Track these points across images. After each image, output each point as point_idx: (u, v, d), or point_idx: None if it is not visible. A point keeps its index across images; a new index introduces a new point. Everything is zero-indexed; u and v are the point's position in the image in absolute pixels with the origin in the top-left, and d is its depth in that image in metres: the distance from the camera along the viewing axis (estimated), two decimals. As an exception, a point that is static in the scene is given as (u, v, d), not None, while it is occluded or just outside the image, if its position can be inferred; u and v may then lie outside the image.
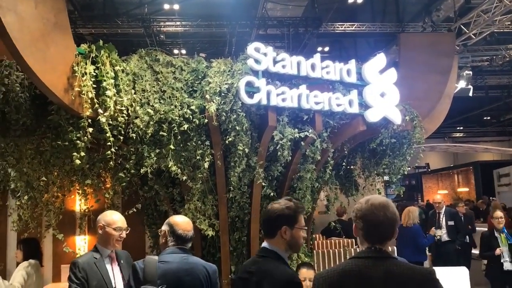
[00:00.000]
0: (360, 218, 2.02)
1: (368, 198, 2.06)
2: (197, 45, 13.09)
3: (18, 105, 3.74)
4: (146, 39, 11.50)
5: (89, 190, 5.61)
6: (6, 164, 4.04)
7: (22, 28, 3.23)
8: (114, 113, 3.80)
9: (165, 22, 11.19)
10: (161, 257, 2.78)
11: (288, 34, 11.84)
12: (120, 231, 3.25)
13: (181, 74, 4.32)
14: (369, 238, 2.00)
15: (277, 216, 2.39)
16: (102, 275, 3.13)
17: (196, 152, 4.27)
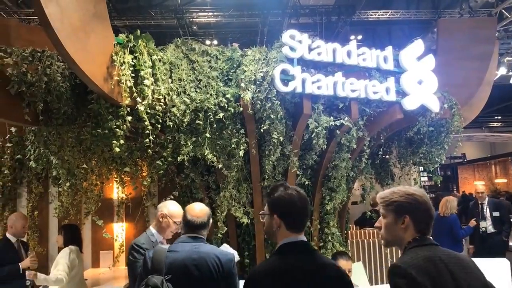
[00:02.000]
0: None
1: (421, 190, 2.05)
2: (229, 35, 13.11)
3: (60, 95, 3.83)
4: (179, 30, 11.60)
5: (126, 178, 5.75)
6: (49, 152, 4.16)
7: (63, 18, 3.29)
8: (152, 102, 3.86)
9: (198, 13, 11.25)
10: (172, 246, 2.69)
11: (321, 23, 11.72)
12: (178, 225, 3.30)
13: (216, 63, 4.34)
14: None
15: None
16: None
17: (231, 141, 4.30)
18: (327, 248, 4.90)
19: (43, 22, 3.19)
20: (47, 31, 3.22)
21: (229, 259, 2.71)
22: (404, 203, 1.97)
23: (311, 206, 4.90)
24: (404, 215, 1.95)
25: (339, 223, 5.26)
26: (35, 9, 3.21)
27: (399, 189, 2.02)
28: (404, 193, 1.99)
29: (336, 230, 4.95)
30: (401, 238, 1.97)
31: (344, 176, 4.83)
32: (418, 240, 1.93)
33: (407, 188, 2.01)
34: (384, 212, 2.02)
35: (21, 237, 4.84)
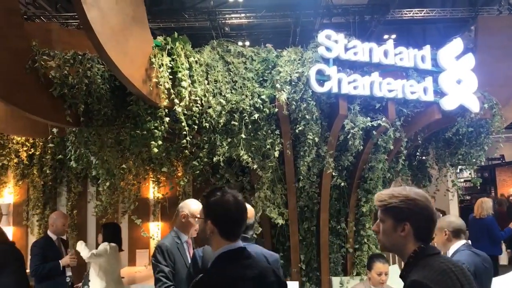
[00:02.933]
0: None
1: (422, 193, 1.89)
2: (261, 36, 13.13)
3: (100, 96, 3.93)
4: (211, 31, 11.71)
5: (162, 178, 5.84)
6: (89, 152, 4.27)
7: (104, 22, 3.38)
8: (189, 103, 3.91)
9: (230, 15, 11.32)
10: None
11: (354, 22, 11.60)
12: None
13: (251, 64, 4.36)
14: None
15: None
16: (184, 258, 3.25)
17: (266, 141, 4.31)
18: (362, 250, 4.84)
19: (85, 26, 3.27)
20: (88, 35, 3.31)
21: (275, 259, 2.78)
22: (405, 209, 1.81)
23: (347, 208, 4.86)
24: (404, 222, 1.81)
25: (375, 225, 5.18)
26: (77, 13, 3.30)
27: (399, 192, 1.86)
28: (405, 197, 1.82)
29: (372, 232, 4.89)
30: (401, 246, 1.84)
31: (381, 177, 4.76)
32: (424, 249, 1.80)
33: (408, 191, 1.85)
34: (382, 216, 1.88)
35: (61, 235, 4.99)
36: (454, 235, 3.45)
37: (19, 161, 6.47)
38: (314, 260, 4.82)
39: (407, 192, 1.84)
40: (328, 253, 4.83)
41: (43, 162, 6.49)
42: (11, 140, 6.45)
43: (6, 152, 6.45)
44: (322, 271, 4.78)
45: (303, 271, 4.78)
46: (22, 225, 6.69)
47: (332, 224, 4.87)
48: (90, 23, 3.24)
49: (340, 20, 11.85)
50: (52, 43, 4.60)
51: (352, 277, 4.80)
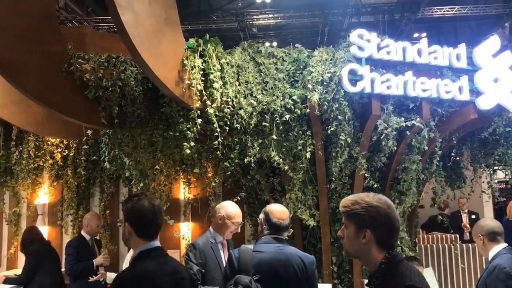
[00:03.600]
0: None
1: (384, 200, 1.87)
2: (289, 36, 13.11)
3: (133, 98, 3.99)
4: (239, 33, 11.77)
5: (192, 179, 5.88)
6: (122, 153, 4.34)
7: (137, 25, 3.41)
8: (221, 104, 3.92)
9: (258, 15, 11.34)
10: (256, 246, 2.72)
11: (383, 21, 11.45)
12: (237, 226, 3.35)
13: (282, 65, 4.34)
14: None
15: None
16: (217, 258, 3.26)
17: (297, 142, 4.28)
18: (395, 253, 4.75)
19: (119, 28, 3.31)
20: (122, 37, 3.35)
21: (311, 261, 2.78)
22: (365, 216, 1.80)
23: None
24: (365, 229, 1.80)
25: (408, 227, 5.09)
26: (111, 16, 3.34)
27: (362, 198, 1.84)
28: (367, 204, 1.81)
29: (405, 235, 4.79)
30: (364, 253, 1.83)
31: (414, 179, 4.67)
32: (395, 256, 1.80)
33: (371, 199, 1.83)
34: (346, 222, 1.88)
35: (95, 235, 5.08)
36: (490, 238, 3.34)
37: (54, 162, 6.62)
38: (346, 262, 4.76)
39: (370, 199, 1.83)
40: (360, 255, 4.76)
41: (76, 163, 6.61)
42: (46, 141, 6.61)
43: (41, 153, 6.61)
44: (354, 274, 4.72)
45: (335, 273, 4.72)
46: (57, 225, 6.84)
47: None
48: (124, 26, 3.26)
49: (369, 19, 11.72)
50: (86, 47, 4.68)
51: (384, 280, 4.71)
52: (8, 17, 3.45)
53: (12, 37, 3.48)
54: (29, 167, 6.57)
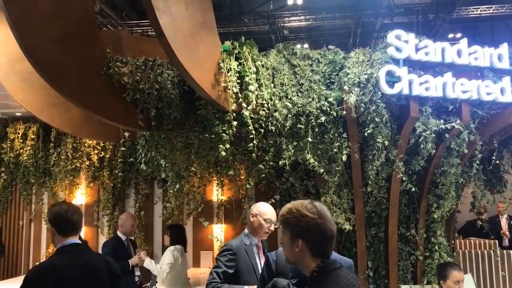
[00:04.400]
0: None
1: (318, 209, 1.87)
2: (320, 38, 13.00)
3: (170, 101, 4.03)
4: (270, 35, 11.74)
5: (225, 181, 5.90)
6: (159, 155, 4.39)
7: (175, 28, 3.44)
8: (256, 106, 3.91)
9: (289, 18, 11.29)
10: None
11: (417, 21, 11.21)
12: (269, 223, 3.32)
13: (318, 66, 4.30)
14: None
15: None
16: (251, 261, 3.24)
17: (333, 145, 4.23)
18: (433, 258, 4.64)
19: (157, 32, 3.35)
20: (160, 41, 3.38)
21: (350, 265, 2.73)
22: (295, 226, 1.83)
23: (417, 214, 4.68)
24: (297, 238, 1.83)
25: (446, 232, 4.95)
26: (150, 20, 3.38)
27: (296, 207, 1.85)
28: (298, 214, 1.83)
29: (443, 240, 4.67)
30: (299, 261, 1.87)
31: (453, 182, 4.54)
32: (327, 265, 1.83)
33: (303, 207, 1.84)
34: (283, 230, 1.90)
35: (130, 235, 5.16)
36: None
37: (91, 163, 6.79)
38: (382, 267, 4.67)
39: (302, 208, 1.84)
40: (397, 260, 4.67)
41: (112, 165, 6.76)
42: (83, 143, 6.78)
43: (78, 155, 6.80)
44: (391, 279, 4.63)
45: (371, 278, 4.65)
46: (93, 225, 7.00)
47: (401, 230, 4.70)
48: (162, 29, 3.30)
49: (402, 19, 11.49)
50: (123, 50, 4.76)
51: (422, 286, 4.60)
52: (49, 22, 3.54)
53: (53, 41, 3.56)
54: (67, 168, 6.76)
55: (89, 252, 2.73)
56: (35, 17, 3.47)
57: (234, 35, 12.62)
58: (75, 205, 2.81)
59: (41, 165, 6.95)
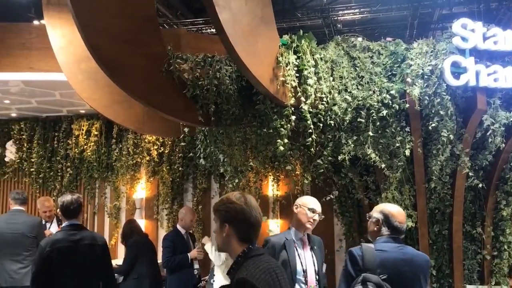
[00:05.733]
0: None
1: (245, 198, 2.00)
2: (375, 31, 12.69)
3: (228, 97, 4.05)
4: (323, 29, 11.60)
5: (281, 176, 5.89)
6: (217, 150, 4.44)
7: (234, 23, 3.46)
8: (315, 100, 3.87)
9: (343, 11, 11.10)
10: (377, 245, 2.66)
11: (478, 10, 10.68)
12: (313, 213, 3.27)
13: (379, 58, 4.19)
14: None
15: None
16: (289, 257, 3.19)
17: (395, 139, 4.11)
18: (502, 258, 4.42)
19: (217, 27, 3.38)
20: (220, 36, 3.40)
21: (427, 261, 2.75)
22: (223, 212, 1.97)
23: (483, 211, 4.46)
24: (224, 224, 1.97)
25: (516, 230, 4.69)
26: (210, 15, 3.41)
27: (226, 196, 2.02)
28: (227, 201, 1.98)
29: (512, 238, 4.44)
30: (227, 246, 1.99)
31: (524, 179, 4.30)
32: (250, 250, 1.95)
33: (233, 196, 2.00)
34: (215, 217, 2.04)
35: (189, 229, 5.25)
36: None
37: (151, 159, 7.00)
38: (446, 266, 4.50)
39: (231, 197, 2.00)
40: (462, 259, 4.48)
41: (171, 160, 6.94)
42: (143, 139, 7.00)
43: (139, 150, 7.03)
44: (455, 278, 4.45)
45: (434, 277, 4.49)
46: (153, 218, 7.21)
47: (466, 228, 4.51)
48: (222, 25, 3.31)
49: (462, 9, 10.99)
50: (181, 48, 4.86)
51: (490, 286, 4.40)
52: (113, 21, 3.65)
53: (117, 40, 3.68)
54: (128, 163, 7.01)
55: (83, 231, 3.59)
56: (100, 17, 3.59)
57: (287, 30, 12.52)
58: (76, 196, 3.60)
59: (104, 160, 7.25)
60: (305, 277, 3.20)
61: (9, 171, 7.81)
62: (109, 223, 7.41)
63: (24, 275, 4.75)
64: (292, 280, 3.15)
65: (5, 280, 4.75)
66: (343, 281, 2.62)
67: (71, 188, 7.47)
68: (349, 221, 5.26)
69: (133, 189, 7.27)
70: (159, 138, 6.88)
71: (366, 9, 11.09)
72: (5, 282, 4.75)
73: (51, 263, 3.35)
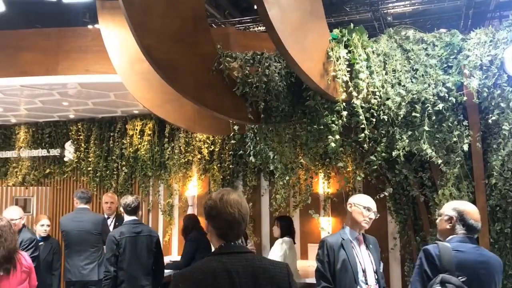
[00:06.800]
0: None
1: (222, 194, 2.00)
2: (427, 23, 12.27)
3: (278, 93, 4.04)
4: (373, 23, 11.37)
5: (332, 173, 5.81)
6: (267, 147, 4.44)
7: (284, 19, 3.43)
8: (367, 95, 3.78)
9: (394, 3, 10.83)
10: (453, 244, 2.57)
11: (540, -4, 10.10)
12: (368, 212, 3.21)
13: (433, 50, 4.03)
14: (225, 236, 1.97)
15: None
16: (348, 256, 3.13)
17: (452, 134, 3.95)
18: None
19: (266, 24, 3.36)
20: (269, 33, 3.39)
21: (501, 262, 2.66)
22: (205, 209, 2.01)
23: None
24: (207, 220, 2.01)
25: None
26: (259, 12, 3.40)
27: (216, 192, 2.03)
28: (209, 198, 2.02)
29: None
30: (212, 243, 2.03)
31: None
32: (220, 248, 1.95)
33: (218, 193, 2.01)
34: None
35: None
36: None
37: (202, 157, 7.12)
38: (509, 266, 4.27)
39: (216, 193, 2.02)
40: (528, 260, 4.24)
41: (221, 158, 7.03)
42: (194, 138, 7.13)
43: (190, 149, 7.17)
44: (520, 280, 4.22)
45: (496, 278, 4.27)
46: (205, 215, 7.33)
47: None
48: (271, 21, 3.30)
49: (522, -4, 10.42)
50: (230, 46, 4.90)
51: (557, 288, 4.14)
52: (165, 21, 3.73)
53: (168, 40, 3.75)
54: (180, 161, 7.17)
55: (141, 225, 4.70)
56: (152, 18, 3.68)
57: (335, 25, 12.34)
58: (135, 197, 4.65)
59: (157, 159, 7.44)
60: (365, 276, 3.14)
61: (68, 170, 8.19)
62: (163, 220, 7.60)
63: (91, 270, 5.10)
64: (355, 281, 3.10)
65: (75, 274, 5.09)
66: (417, 280, 2.54)
67: (126, 187, 7.73)
68: (404, 219, 5.10)
69: (185, 187, 7.42)
70: (210, 136, 6.98)
71: (417, 1, 10.79)
72: (75, 276, 5.11)
73: (120, 248, 4.44)
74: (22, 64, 5.53)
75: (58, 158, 8.27)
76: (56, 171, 8.29)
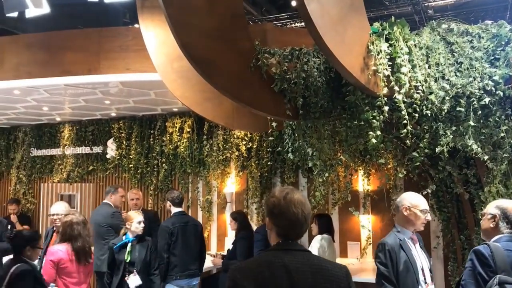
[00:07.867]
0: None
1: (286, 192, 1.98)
2: (470, 15, 11.85)
3: (316, 89, 4.00)
4: (413, 16, 11.08)
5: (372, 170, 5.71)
6: (306, 144, 4.40)
7: (323, 13, 3.38)
8: (409, 90, 3.68)
9: (435, -4, 10.51)
10: (502, 244, 2.50)
11: None
12: (425, 214, 3.17)
13: (479, 42, 3.88)
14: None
15: None
16: (408, 257, 3.07)
17: (499, 129, 3.79)
18: None
19: (305, 19, 3.32)
20: (308, 28, 3.35)
21: None
22: (268, 206, 2.01)
23: None
24: (267, 217, 2.01)
25: None
26: (297, 7, 3.37)
27: (279, 190, 2.02)
28: (271, 196, 2.02)
29: None
30: (270, 240, 2.02)
31: None
32: (278, 244, 1.94)
33: (281, 191, 2.00)
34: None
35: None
36: None
37: (239, 154, 7.16)
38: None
39: (278, 191, 2.02)
40: None
41: (259, 155, 7.04)
42: (232, 135, 7.18)
43: (228, 146, 7.23)
44: None
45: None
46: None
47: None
48: (310, 16, 3.25)
49: None
50: (268, 42, 4.87)
51: None
52: (203, 19, 3.75)
53: (207, 37, 3.77)
54: (218, 158, 7.24)
55: (188, 216, 5.51)
56: (191, 15, 3.70)
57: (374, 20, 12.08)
58: (179, 192, 5.46)
59: (196, 156, 7.54)
60: (423, 276, 3.09)
61: (110, 167, 8.42)
62: (202, 216, 7.69)
63: (103, 261, 5.26)
64: (417, 281, 3.04)
65: (96, 265, 5.34)
66: (471, 283, 2.46)
67: (166, 183, 7.87)
68: (447, 217, 4.95)
69: (223, 184, 7.48)
70: (247, 133, 7.00)
71: (460, -8, 10.41)
72: (96, 267, 5.38)
73: (173, 236, 5.07)
74: (65, 63, 5.72)
75: (100, 155, 8.52)
76: (99, 168, 8.54)
